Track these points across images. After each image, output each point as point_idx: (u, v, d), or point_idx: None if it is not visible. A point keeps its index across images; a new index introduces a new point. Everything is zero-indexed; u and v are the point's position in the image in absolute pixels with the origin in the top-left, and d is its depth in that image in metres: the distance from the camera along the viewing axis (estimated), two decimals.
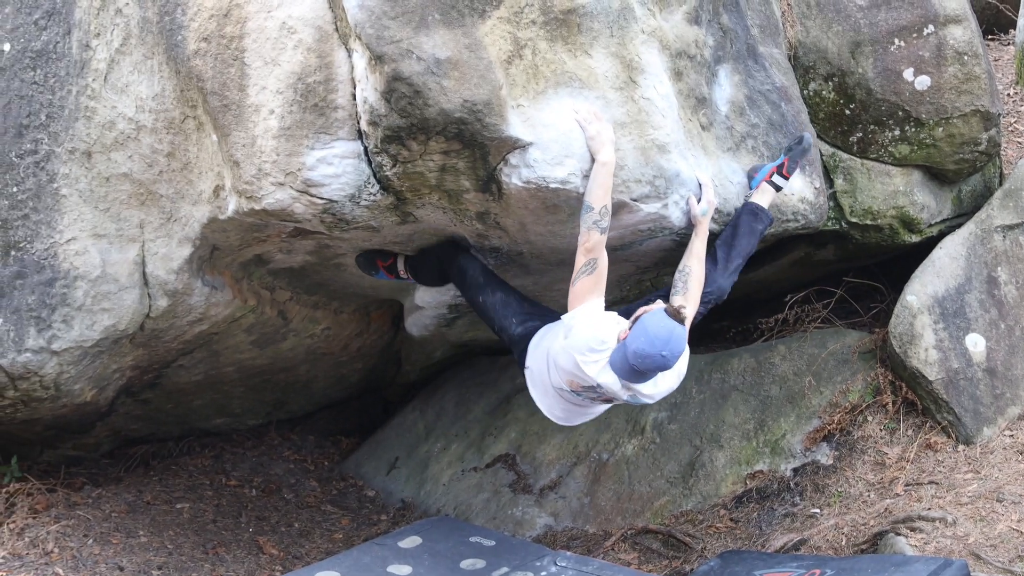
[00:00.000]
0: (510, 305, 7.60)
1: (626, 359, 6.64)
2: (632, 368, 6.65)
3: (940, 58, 9.03)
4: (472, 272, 7.88)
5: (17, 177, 8.47)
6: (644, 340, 6.56)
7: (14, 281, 8.44)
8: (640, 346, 6.56)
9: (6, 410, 8.90)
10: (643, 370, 6.66)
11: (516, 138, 6.80)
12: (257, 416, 11.30)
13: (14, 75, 8.52)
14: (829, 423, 9.01)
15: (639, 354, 6.56)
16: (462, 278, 7.94)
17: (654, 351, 6.53)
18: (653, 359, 6.56)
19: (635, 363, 6.60)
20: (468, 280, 7.89)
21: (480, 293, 7.81)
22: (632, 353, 6.59)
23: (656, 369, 6.67)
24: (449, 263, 8.04)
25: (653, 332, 6.56)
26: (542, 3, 6.91)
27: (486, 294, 7.77)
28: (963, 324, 8.77)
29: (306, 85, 6.89)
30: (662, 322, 6.60)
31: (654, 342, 6.54)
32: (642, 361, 6.57)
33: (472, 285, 7.88)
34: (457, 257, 7.99)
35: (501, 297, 7.66)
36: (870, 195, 9.22)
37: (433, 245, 8.22)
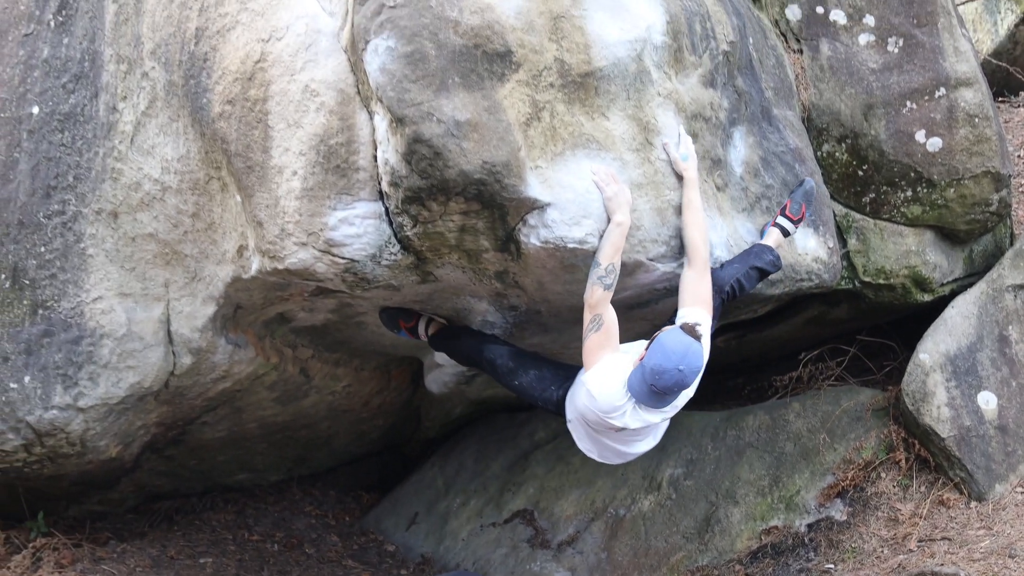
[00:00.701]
0: (545, 378, 7.59)
1: (644, 379, 6.67)
2: (651, 388, 6.68)
3: (952, 120, 9.02)
4: (501, 361, 7.89)
5: (45, 237, 8.49)
6: (660, 356, 6.62)
7: (41, 339, 8.45)
8: (657, 361, 6.60)
9: (33, 466, 8.87)
10: (661, 387, 6.67)
11: (535, 199, 6.79)
12: (279, 471, 11.27)
13: (42, 137, 8.55)
14: (843, 479, 8.96)
15: (656, 370, 6.59)
16: (493, 369, 7.97)
17: (671, 365, 6.58)
18: (670, 374, 6.59)
19: (653, 380, 6.63)
20: (500, 370, 7.91)
21: (515, 378, 7.82)
22: (650, 370, 6.62)
23: (675, 386, 6.68)
24: (477, 356, 8.08)
25: (669, 347, 6.62)
26: (560, 66, 6.92)
27: (520, 376, 7.78)
28: (975, 382, 8.72)
29: (328, 147, 6.89)
30: (678, 338, 6.66)
31: (670, 356, 6.59)
32: (660, 377, 6.60)
33: (505, 373, 7.89)
34: (483, 350, 8.01)
35: (535, 375, 7.66)
36: (883, 255, 9.20)
37: (459, 333, 8.29)
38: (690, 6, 7.69)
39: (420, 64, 6.52)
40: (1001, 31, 13.62)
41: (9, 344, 8.53)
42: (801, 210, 8.04)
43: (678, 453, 9.68)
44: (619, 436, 7.23)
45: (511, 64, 6.75)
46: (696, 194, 7.35)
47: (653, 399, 6.78)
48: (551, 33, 6.91)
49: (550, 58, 6.89)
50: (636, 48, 7.20)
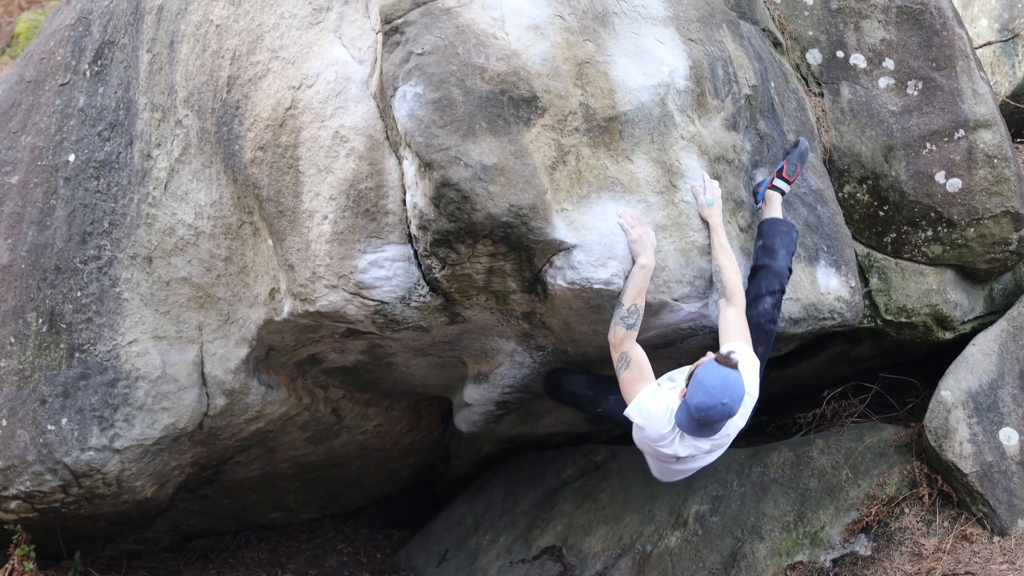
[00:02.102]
0: (622, 403, 7.54)
1: (691, 416, 6.64)
2: (699, 423, 6.65)
3: (971, 161, 8.98)
4: (580, 392, 8.00)
5: (81, 282, 8.50)
6: (702, 394, 6.55)
7: (78, 382, 8.45)
8: (700, 400, 6.55)
9: (70, 506, 8.86)
10: (709, 422, 6.64)
11: (561, 241, 6.78)
12: (312, 510, 11.23)
13: (78, 184, 8.58)
14: (867, 515, 8.89)
15: (701, 408, 6.55)
16: (575, 401, 8.12)
17: (714, 401, 6.53)
18: (715, 409, 6.55)
19: (700, 417, 6.59)
20: (581, 400, 8.05)
21: (597, 406, 7.92)
22: (695, 409, 6.58)
23: (721, 418, 6.65)
24: (559, 390, 8.20)
25: (709, 384, 6.56)
26: (585, 111, 6.91)
27: (602, 404, 7.86)
28: (996, 418, 8.65)
29: (358, 191, 6.89)
30: (715, 372, 6.61)
31: (712, 393, 6.53)
32: (706, 414, 6.56)
33: (587, 403, 8.03)
34: (561, 383, 8.13)
35: (615, 400, 7.54)
36: (904, 294, 9.16)
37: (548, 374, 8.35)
38: (712, 51, 7.69)
39: (448, 110, 6.52)
40: (1019, 73, 13.57)
41: (47, 387, 8.54)
42: (796, 171, 8.03)
43: (704, 490, 9.62)
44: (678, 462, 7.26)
45: (537, 109, 6.74)
46: (724, 238, 7.35)
47: (704, 431, 6.77)
48: (576, 78, 6.91)
49: (575, 103, 6.89)
50: (660, 93, 7.20)
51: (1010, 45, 13.66)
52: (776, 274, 7.63)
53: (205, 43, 7.88)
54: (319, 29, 7.20)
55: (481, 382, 8.55)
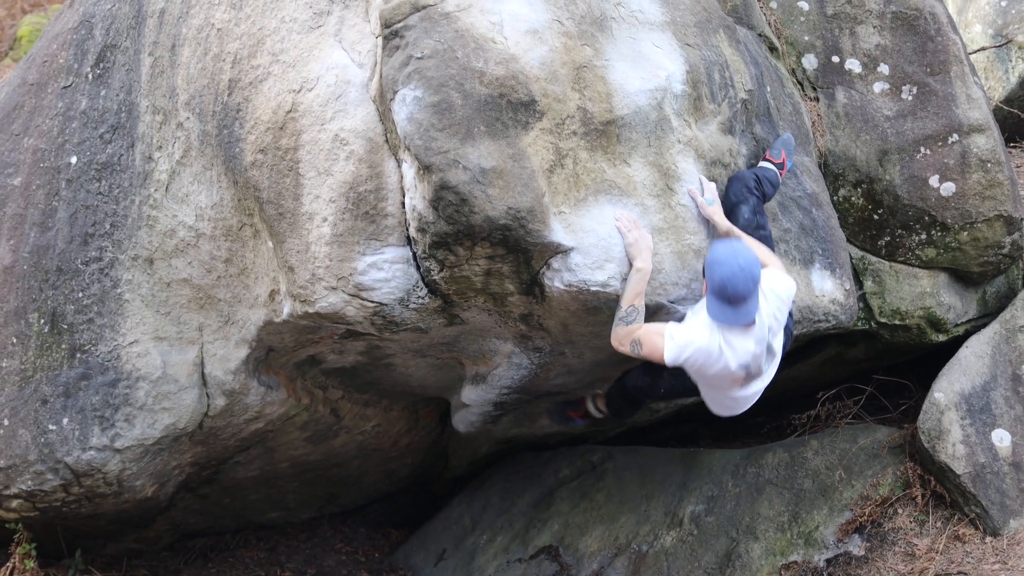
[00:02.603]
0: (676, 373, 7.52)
1: (718, 298, 6.73)
2: (729, 300, 6.71)
3: (964, 165, 8.99)
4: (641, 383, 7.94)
5: (83, 283, 8.51)
6: (717, 267, 6.69)
7: (79, 382, 8.45)
8: (719, 274, 6.67)
9: (71, 505, 8.86)
10: (735, 294, 6.69)
11: (558, 243, 6.78)
12: (310, 509, 11.24)
13: (80, 186, 8.58)
14: (861, 515, 8.90)
15: (724, 280, 6.66)
16: (642, 394, 8.08)
17: (732, 267, 6.65)
18: (736, 276, 6.65)
19: (726, 292, 6.68)
20: (645, 391, 8.00)
21: (659, 387, 7.90)
22: (719, 286, 6.68)
23: (745, 285, 6.69)
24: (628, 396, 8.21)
25: (719, 256, 6.72)
26: (582, 115, 6.91)
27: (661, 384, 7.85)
28: (989, 420, 8.66)
29: (357, 194, 6.89)
30: (719, 246, 6.81)
31: (725, 261, 6.67)
32: (730, 284, 6.64)
33: (650, 390, 7.98)
34: (627, 386, 8.10)
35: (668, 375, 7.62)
36: (898, 296, 9.17)
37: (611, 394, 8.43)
38: (709, 56, 7.69)
39: (447, 113, 6.52)
40: (1012, 79, 13.61)
41: (48, 387, 8.54)
42: (781, 155, 8.07)
43: (699, 490, 9.64)
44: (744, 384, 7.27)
45: (535, 113, 6.74)
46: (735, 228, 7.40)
47: (737, 313, 6.77)
48: (574, 83, 6.91)
49: (573, 107, 6.88)
50: (657, 97, 7.21)
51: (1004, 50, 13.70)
52: (739, 180, 7.72)
53: (206, 47, 7.88)
54: (319, 33, 7.20)
55: (479, 383, 8.55)
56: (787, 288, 7.16)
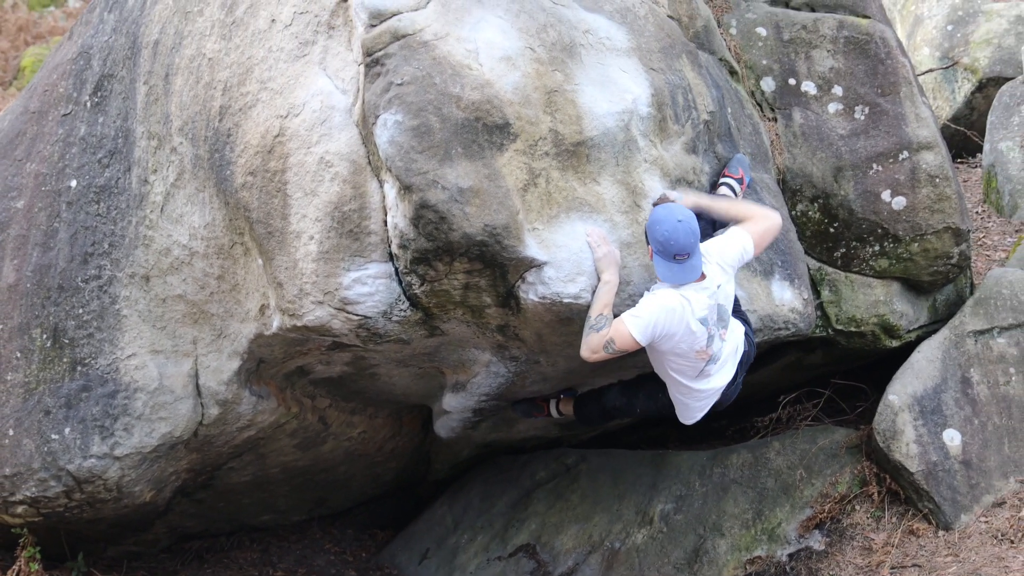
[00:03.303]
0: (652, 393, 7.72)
1: (663, 255, 6.80)
2: (674, 256, 6.76)
3: (914, 181, 9.02)
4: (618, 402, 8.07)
5: (83, 300, 8.50)
6: (657, 225, 6.80)
7: (80, 394, 8.45)
8: (659, 231, 6.76)
9: (73, 510, 8.85)
10: (678, 247, 6.73)
11: (532, 258, 6.80)
12: (300, 512, 11.22)
13: (80, 208, 8.58)
14: (820, 512, 8.92)
15: (665, 235, 6.73)
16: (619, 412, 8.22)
17: (670, 222, 6.74)
18: (676, 229, 6.72)
19: (670, 246, 6.73)
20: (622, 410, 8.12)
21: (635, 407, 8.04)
22: (662, 241, 6.75)
23: (687, 237, 6.73)
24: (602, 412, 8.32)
25: (657, 216, 6.87)
26: (554, 136, 6.93)
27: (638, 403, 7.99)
28: (940, 421, 8.69)
29: (342, 213, 6.90)
30: (658, 208, 6.97)
31: (663, 219, 6.78)
32: (671, 238, 6.71)
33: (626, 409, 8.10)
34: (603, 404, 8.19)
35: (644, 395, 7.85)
36: (854, 305, 9.19)
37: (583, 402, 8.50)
38: (673, 79, 7.71)
39: (426, 136, 6.54)
40: (959, 98, 13.70)
41: (51, 398, 8.54)
42: (739, 171, 8.10)
43: (668, 490, 9.64)
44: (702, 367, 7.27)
45: (509, 135, 6.77)
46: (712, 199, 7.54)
47: (684, 269, 6.81)
48: (546, 106, 6.93)
49: (545, 129, 6.91)
50: (624, 119, 7.22)
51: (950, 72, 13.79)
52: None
53: (198, 75, 7.89)
54: (305, 61, 7.21)
55: (459, 391, 8.56)
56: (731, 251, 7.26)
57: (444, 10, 6.89)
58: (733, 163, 8.14)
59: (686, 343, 7.03)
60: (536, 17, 7.13)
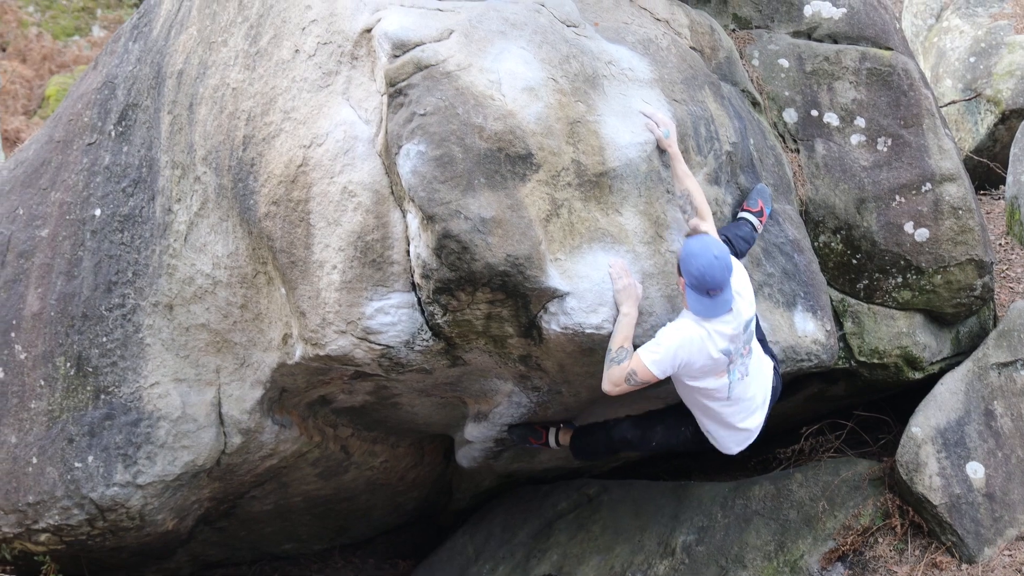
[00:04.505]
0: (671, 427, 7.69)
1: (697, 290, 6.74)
2: (708, 291, 6.70)
3: (937, 213, 8.99)
4: (630, 435, 7.96)
5: (106, 328, 8.51)
6: (693, 260, 6.71)
7: (103, 422, 8.46)
8: (697, 266, 6.68)
9: (96, 538, 8.84)
10: (713, 283, 6.68)
11: (555, 288, 6.78)
12: (322, 541, 11.19)
13: (104, 237, 8.59)
14: (843, 544, 8.87)
15: (700, 270, 6.65)
16: (629, 446, 8.06)
17: (707, 258, 6.67)
18: (713, 265, 6.66)
19: (704, 283, 6.67)
20: (633, 443, 8.00)
21: (650, 441, 7.91)
22: (698, 277, 6.67)
23: (722, 272, 6.69)
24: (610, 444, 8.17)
25: (693, 250, 6.76)
26: (577, 167, 6.91)
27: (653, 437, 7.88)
28: (963, 453, 8.64)
29: (365, 243, 6.89)
30: (692, 241, 6.84)
31: (700, 254, 6.69)
32: (707, 273, 6.65)
33: (639, 443, 7.97)
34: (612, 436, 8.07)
35: (661, 429, 7.76)
36: (876, 336, 9.15)
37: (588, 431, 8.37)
38: (695, 110, 7.70)
39: (448, 166, 6.53)
40: (981, 130, 13.64)
41: (74, 427, 8.55)
42: (758, 203, 8.07)
43: (690, 521, 9.59)
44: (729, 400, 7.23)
45: (532, 165, 6.75)
46: (685, 165, 7.36)
47: (716, 303, 6.77)
48: (568, 137, 6.91)
49: (567, 160, 6.89)
50: (646, 150, 7.20)
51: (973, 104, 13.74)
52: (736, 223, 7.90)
53: (222, 105, 7.90)
54: (328, 91, 7.21)
55: (481, 421, 8.53)
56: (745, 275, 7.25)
57: (467, 41, 6.88)
58: (753, 195, 8.11)
59: (707, 370, 7.01)
60: (559, 48, 7.12)
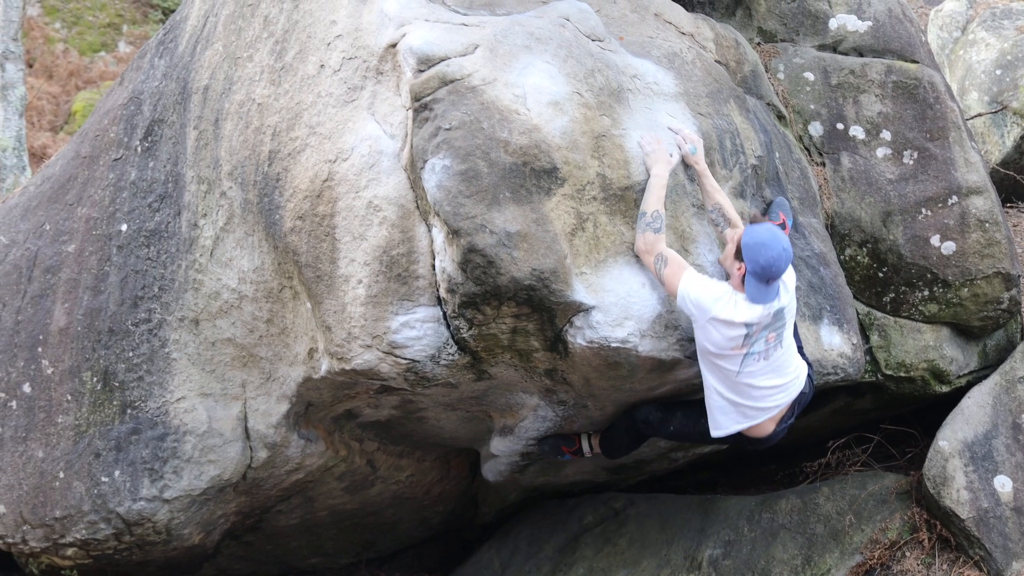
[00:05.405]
0: (691, 415, 7.58)
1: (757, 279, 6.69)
2: (769, 280, 6.68)
3: (964, 226, 8.96)
4: (652, 416, 7.86)
5: (133, 343, 8.52)
6: (763, 250, 6.64)
7: (130, 436, 8.46)
8: (765, 256, 6.62)
9: (122, 553, 8.85)
10: (778, 273, 6.68)
11: (580, 302, 6.75)
12: (348, 555, 11.18)
13: (130, 252, 8.60)
14: (870, 558, 8.82)
15: (769, 260, 6.62)
16: (650, 428, 7.94)
17: (776, 249, 6.63)
18: (780, 255, 6.64)
19: (769, 271, 6.64)
20: (654, 424, 7.88)
21: (669, 424, 7.82)
22: (763, 267, 6.62)
23: (787, 263, 6.72)
24: (635, 430, 8.07)
25: (762, 238, 6.68)
26: (602, 181, 6.89)
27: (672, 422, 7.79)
28: (991, 467, 8.59)
29: (391, 257, 6.88)
30: (759, 228, 6.77)
31: (771, 245, 6.63)
32: (775, 263, 6.61)
33: (659, 424, 7.85)
34: (635, 419, 7.98)
35: (682, 415, 7.69)
36: (903, 350, 9.12)
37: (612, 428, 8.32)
38: (721, 124, 7.68)
39: (474, 181, 6.51)
40: (1008, 143, 13.57)
41: (101, 441, 8.55)
42: (780, 217, 8.05)
43: (717, 535, 9.55)
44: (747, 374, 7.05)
45: (557, 179, 6.73)
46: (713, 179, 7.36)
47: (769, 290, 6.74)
48: (593, 151, 6.89)
49: (593, 173, 6.87)
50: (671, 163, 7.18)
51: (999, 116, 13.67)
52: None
53: (248, 120, 7.90)
54: (354, 106, 7.21)
55: (506, 434, 8.51)
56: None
57: (492, 55, 6.87)
58: (774, 208, 8.09)
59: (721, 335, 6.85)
60: (584, 62, 7.10)
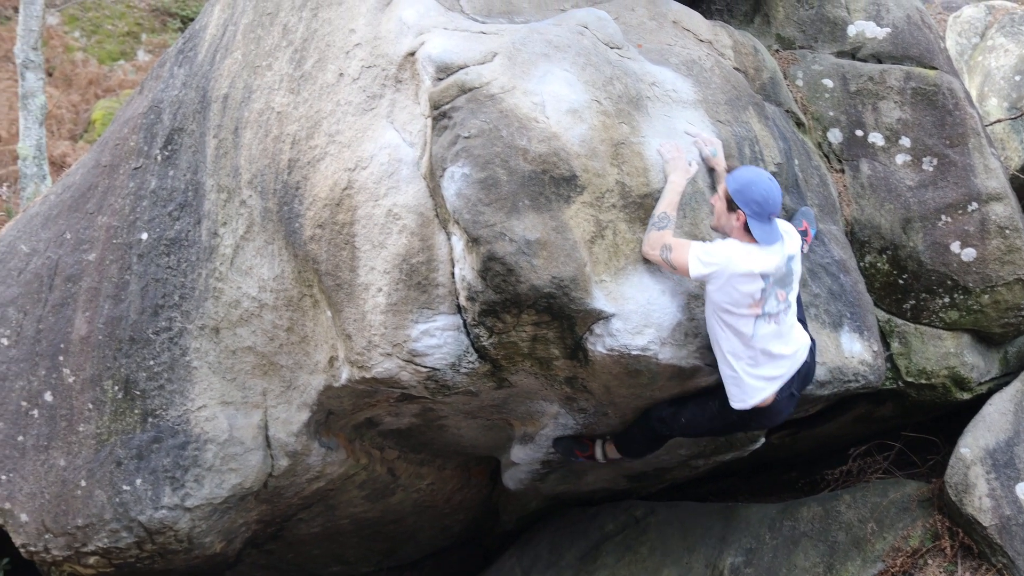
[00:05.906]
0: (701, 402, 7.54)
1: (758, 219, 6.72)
2: (769, 215, 6.72)
3: (984, 232, 8.93)
4: (665, 412, 7.79)
5: (153, 352, 8.52)
6: (753, 187, 6.73)
7: (151, 445, 8.47)
8: (758, 192, 6.71)
9: (144, 561, 8.86)
10: (776, 203, 6.74)
11: (600, 310, 6.74)
12: (369, 563, 11.18)
13: (151, 261, 8.61)
14: (892, 566, 8.80)
15: (764, 194, 6.70)
16: (665, 425, 7.87)
17: (763, 181, 6.74)
18: (770, 185, 6.74)
19: (767, 203, 6.69)
20: (668, 420, 7.81)
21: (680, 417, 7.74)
22: (760, 202, 6.68)
23: (778, 192, 6.76)
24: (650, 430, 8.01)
25: (749, 178, 6.78)
26: (621, 189, 6.88)
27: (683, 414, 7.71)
28: (1013, 474, 8.56)
29: (410, 265, 6.87)
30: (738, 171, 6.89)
31: (757, 180, 6.74)
32: (769, 194, 6.71)
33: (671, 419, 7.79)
34: (650, 420, 7.93)
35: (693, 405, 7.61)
36: (924, 357, 9.10)
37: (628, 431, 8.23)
38: (739, 131, 7.67)
39: (493, 189, 6.50)
40: None
41: (122, 450, 8.56)
42: (803, 224, 8.07)
43: (738, 543, 9.53)
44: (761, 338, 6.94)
45: (576, 187, 6.72)
46: None
47: (773, 228, 6.77)
48: (612, 158, 6.88)
49: (612, 181, 6.86)
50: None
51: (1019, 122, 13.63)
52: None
53: (267, 129, 7.91)
54: (373, 115, 7.21)
55: (527, 442, 8.51)
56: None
57: (511, 63, 6.86)
58: (797, 216, 8.08)
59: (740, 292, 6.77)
60: (602, 70, 7.10)
